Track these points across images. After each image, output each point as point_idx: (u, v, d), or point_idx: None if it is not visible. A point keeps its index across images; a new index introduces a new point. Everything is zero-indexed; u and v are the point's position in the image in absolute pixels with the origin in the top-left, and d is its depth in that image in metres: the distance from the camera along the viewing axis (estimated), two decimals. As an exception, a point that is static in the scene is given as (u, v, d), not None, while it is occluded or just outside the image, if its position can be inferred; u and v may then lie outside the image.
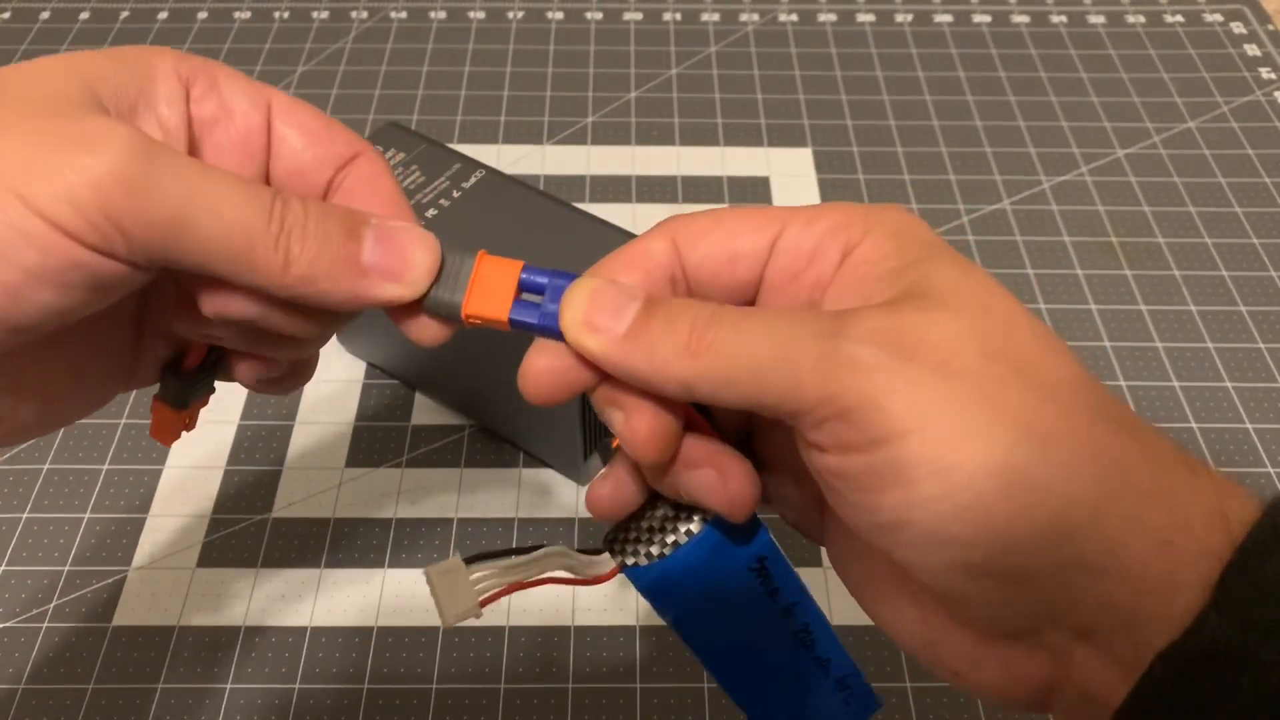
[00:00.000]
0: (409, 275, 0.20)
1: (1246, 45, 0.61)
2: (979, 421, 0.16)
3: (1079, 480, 0.16)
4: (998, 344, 0.17)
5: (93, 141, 0.17)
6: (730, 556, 0.21)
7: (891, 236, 0.19)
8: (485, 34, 0.61)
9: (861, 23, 0.62)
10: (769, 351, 0.17)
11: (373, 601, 0.37)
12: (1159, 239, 0.50)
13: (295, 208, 0.19)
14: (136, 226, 0.17)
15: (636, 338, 0.19)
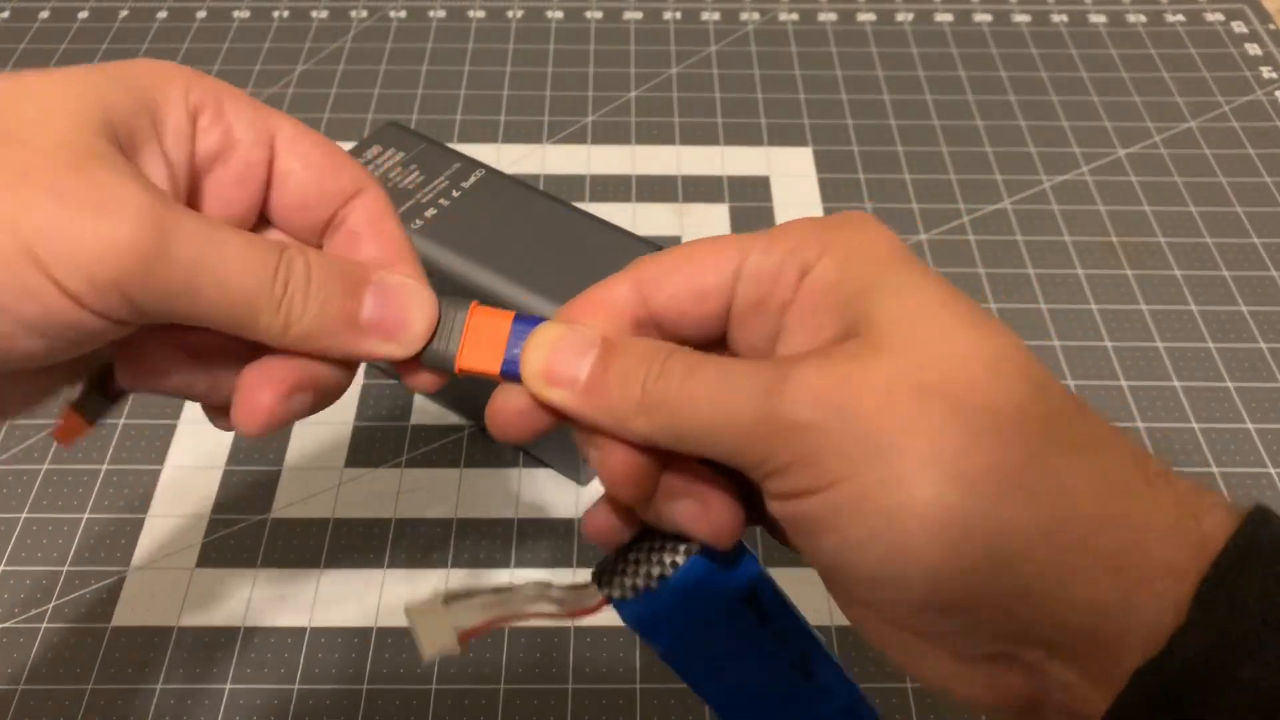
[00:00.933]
0: (405, 336, 0.20)
1: (1247, 44, 0.61)
2: (909, 467, 0.17)
3: (1013, 514, 0.17)
4: (934, 380, 0.17)
5: (111, 209, 0.17)
6: (719, 586, 0.21)
7: (843, 259, 0.19)
8: (485, 33, 0.61)
9: (862, 22, 0.62)
10: (714, 413, 0.18)
11: (372, 601, 0.37)
12: (1160, 239, 0.50)
13: (299, 268, 0.19)
14: (143, 295, 0.17)
15: (594, 392, 0.19)
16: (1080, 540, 0.17)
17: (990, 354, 0.18)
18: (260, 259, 0.18)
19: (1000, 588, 0.17)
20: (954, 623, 0.18)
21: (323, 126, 0.55)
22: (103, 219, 0.17)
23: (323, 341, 0.19)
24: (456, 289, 0.35)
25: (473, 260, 0.35)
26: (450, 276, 0.35)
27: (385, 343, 0.20)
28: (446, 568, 0.38)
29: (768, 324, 0.20)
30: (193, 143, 0.20)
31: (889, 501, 0.17)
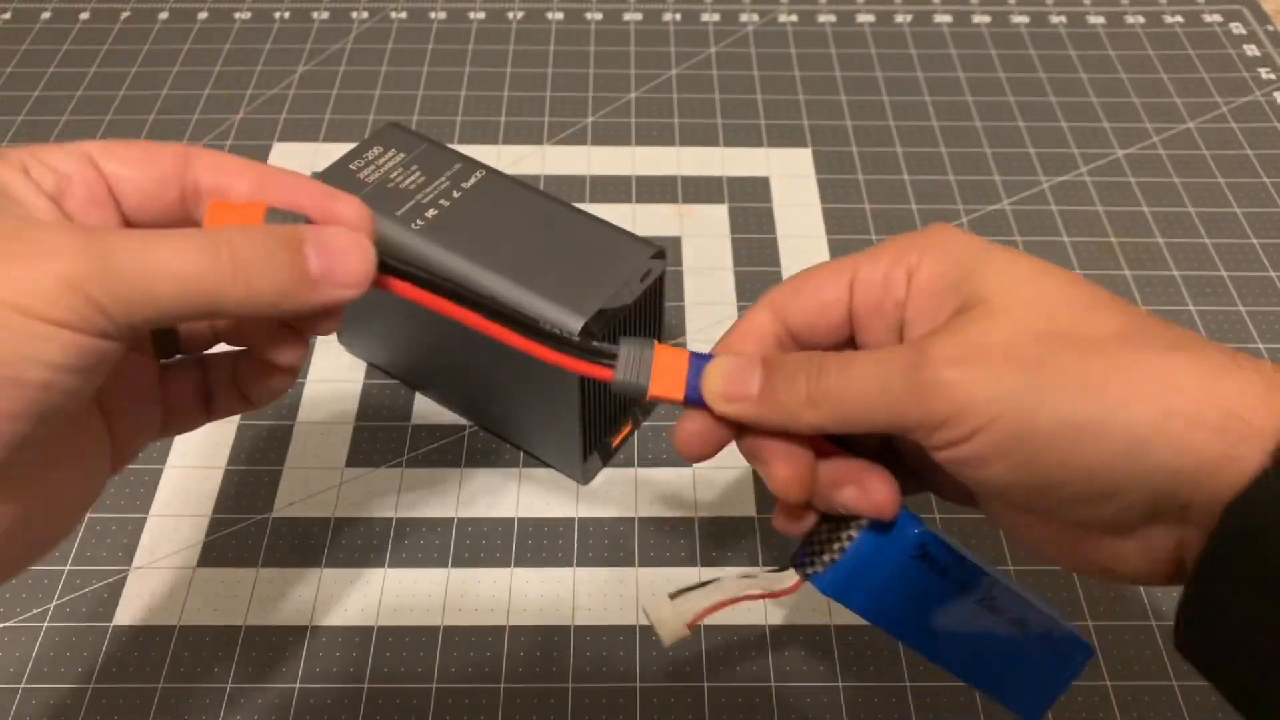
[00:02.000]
0: (354, 279, 0.23)
1: (1246, 45, 0.61)
2: (1045, 393, 0.21)
3: (1136, 408, 0.21)
4: (1045, 325, 0.22)
5: (45, 248, 0.19)
6: (892, 551, 0.25)
7: (943, 255, 0.24)
8: (485, 34, 0.61)
9: (861, 23, 0.62)
10: (873, 391, 0.23)
11: (373, 601, 0.37)
12: (1158, 239, 0.50)
13: (240, 242, 0.21)
14: (115, 306, 0.19)
15: (766, 399, 0.24)
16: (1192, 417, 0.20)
17: (1084, 297, 0.23)
18: (199, 247, 0.21)
19: (1140, 467, 0.21)
20: (1111, 505, 0.22)
21: (323, 127, 0.55)
22: (45, 259, 0.19)
23: (289, 302, 0.22)
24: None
25: (474, 260, 0.35)
26: (451, 277, 0.35)
27: (341, 288, 0.22)
28: (447, 567, 0.38)
29: (888, 322, 0.25)
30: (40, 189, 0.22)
31: (1037, 423, 0.21)
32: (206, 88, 0.57)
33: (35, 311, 0.19)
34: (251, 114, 0.56)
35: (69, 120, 0.55)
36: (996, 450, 0.21)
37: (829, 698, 0.35)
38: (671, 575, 0.38)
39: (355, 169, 0.38)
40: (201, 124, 0.55)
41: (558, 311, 0.34)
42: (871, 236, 0.50)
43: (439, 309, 0.25)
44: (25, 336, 0.19)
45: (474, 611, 0.37)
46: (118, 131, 0.55)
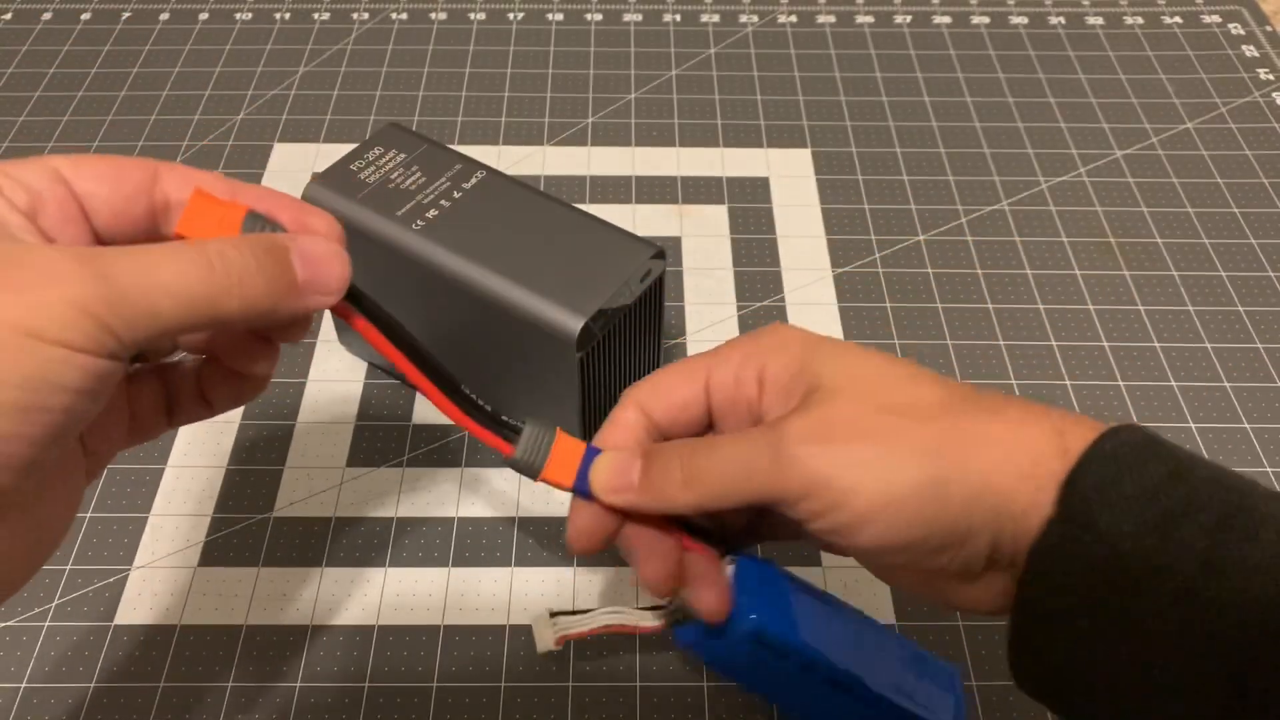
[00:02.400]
0: (333, 287, 0.24)
1: (1244, 46, 0.61)
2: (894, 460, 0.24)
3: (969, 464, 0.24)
4: (880, 400, 0.25)
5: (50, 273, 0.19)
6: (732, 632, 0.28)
7: (783, 352, 0.27)
8: (486, 35, 0.61)
9: (860, 24, 0.63)
10: (739, 470, 0.25)
11: (374, 600, 0.37)
12: (1157, 239, 0.50)
13: (232, 256, 0.22)
14: (122, 326, 0.20)
15: (645, 486, 0.26)
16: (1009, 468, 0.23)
17: (906, 374, 0.26)
18: (194, 262, 0.21)
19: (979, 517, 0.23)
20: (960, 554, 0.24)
21: (324, 128, 0.55)
22: (49, 285, 0.19)
23: (279, 310, 0.23)
24: (458, 289, 0.36)
25: (474, 261, 0.35)
26: (452, 277, 0.36)
27: (320, 296, 0.23)
28: (448, 566, 0.38)
29: (744, 416, 0.27)
30: (14, 207, 0.22)
31: (893, 488, 0.24)
32: (207, 88, 0.57)
33: (51, 337, 0.19)
34: (252, 114, 0.56)
35: (70, 120, 0.55)
36: (860, 518, 0.24)
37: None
38: (671, 575, 0.38)
39: (356, 169, 0.38)
40: (202, 124, 0.55)
41: (558, 312, 0.34)
42: (871, 237, 0.50)
43: (379, 347, 0.26)
44: (45, 362, 0.19)
45: (474, 611, 0.37)
46: (119, 132, 0.55)
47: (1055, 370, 0.44)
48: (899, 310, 0.47)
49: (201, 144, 0.54)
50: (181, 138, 0.55)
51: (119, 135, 0.55)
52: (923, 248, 0.50)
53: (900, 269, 0.49)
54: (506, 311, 0.35)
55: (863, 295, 0.47)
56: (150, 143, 0.54)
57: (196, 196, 0.23)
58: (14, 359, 0.19)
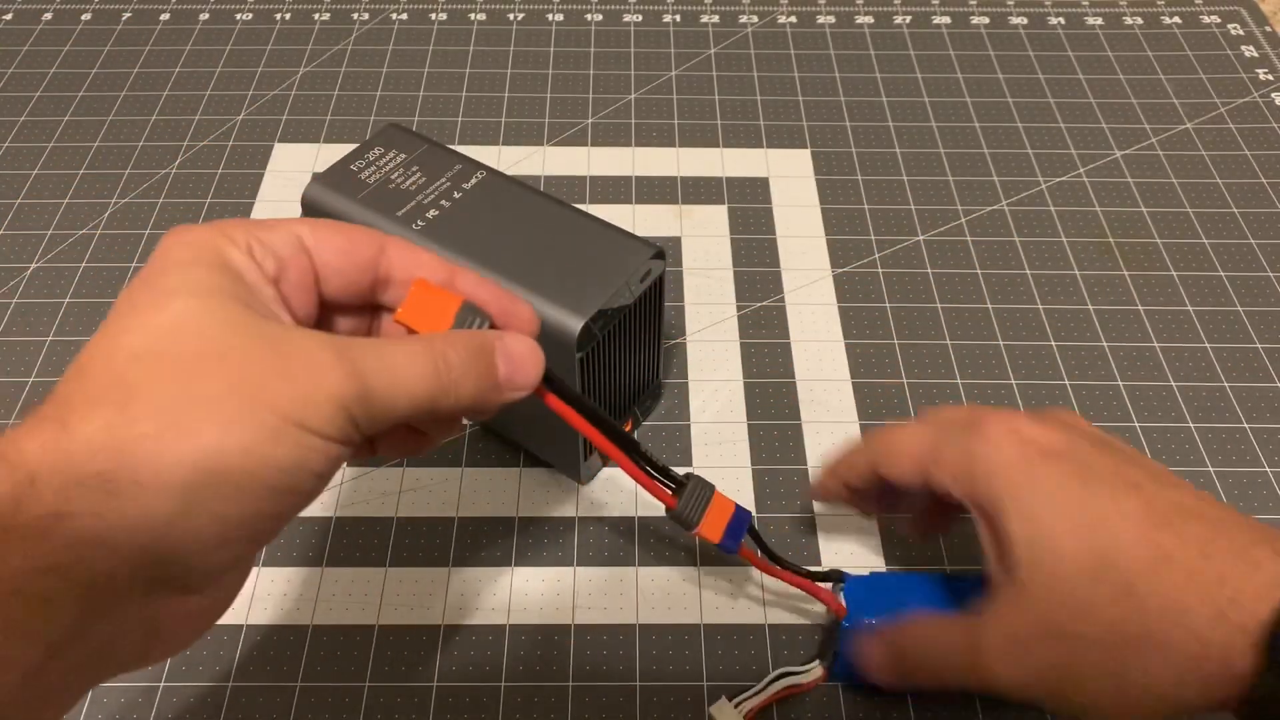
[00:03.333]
0: (529, 383, 0.25)
1: (1244, 46, 0.61)
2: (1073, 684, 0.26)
3: (1140, 690, 0.25)
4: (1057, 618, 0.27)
5: (314, 365, 0.21)
6: None
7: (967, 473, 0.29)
8: (486, 36, 0.61)
9: (860, 25, 0.63)
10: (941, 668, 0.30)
11: (374, 600, 0.37)
12: (1156, 240, 0.50)
13: (453, 358, 0.23)
14: (366, 420, 0.22)
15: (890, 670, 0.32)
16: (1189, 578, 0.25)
17: (1089, 567, 0.26)
18: (426, 364, 0.23)
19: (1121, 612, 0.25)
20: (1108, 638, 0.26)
21: (324, 128, 0.55)
22: (315, 375, 0.21)
23: (480, 405, 0.24)
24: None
25: (474, 261, 0.35)
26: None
27: (516, 391, 0.25)
28: (448, 566, 0.38)
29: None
30: (264, 274, 0.24)
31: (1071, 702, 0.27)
32: (207, 88, 0.58)
33: (313, 427, 0.21)
34: (253, 115, 0.56)
35: (70, 120, 0.55)
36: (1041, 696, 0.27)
37: (828, 696, 0.35)
38: (671, 575, 0.38)
39: (356, 170, 0.38)
40: (202, 124, 0.55)
41: (558, 312, 0.34)
42: (871, 237, 0.50)
43: (570, 420, 0.27)
44: (306, 450, 0.21)
45: (474, 611, 0.37)
46: (119, 132, 0.55)
47: (1055, 370, 0.44)
48: (899, 310, 0.47)
49: (202, 144, 0.54)
50: (182, 138, 0.55)
51: (119, 135, 0.55)
52: (922, 248, 0.50)
53: (900, 269, 0.49)
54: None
55: (862, 295, 0.47)
56: (150, 142, 0.54)
57: (418, 286, 0.25)
58: (283, 447, 0.20)
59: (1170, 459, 0.42)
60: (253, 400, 0.20)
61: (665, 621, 0.36)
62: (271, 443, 0.20)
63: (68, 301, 0.47)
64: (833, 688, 0.35)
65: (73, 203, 0.51)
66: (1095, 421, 0.43)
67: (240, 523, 0.20)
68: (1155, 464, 0.29)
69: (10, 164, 0.53)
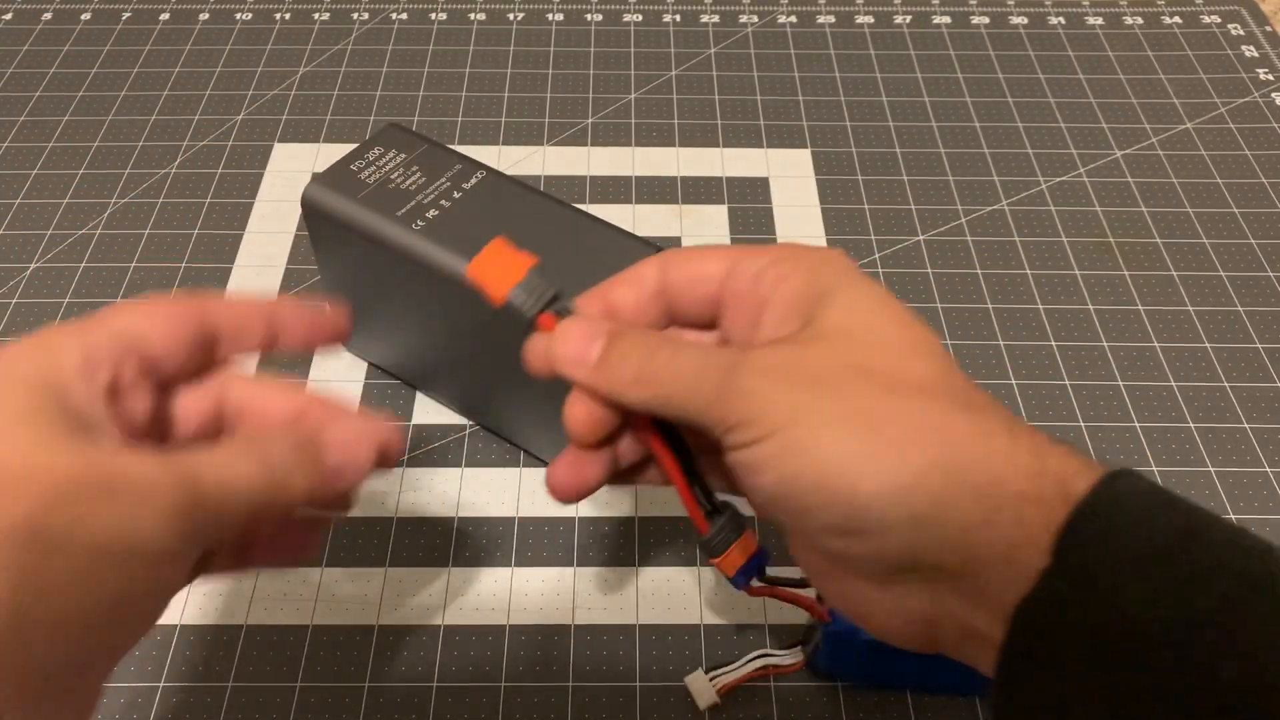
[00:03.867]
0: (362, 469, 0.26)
1: (1244, 46, 0.61)
2: (830, 418, 0.22)
3: (907, 452, 0.21)
4: (859, 360, 0.23)
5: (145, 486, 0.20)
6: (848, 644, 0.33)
7: (809, 272, 0.25)
8: (486, 35, 0.61)
9: (860, 24, 0.63)
10: (690, 383, 0.24)
11: (374, 600, 0.37)
12: (1156, 239, 0.50)
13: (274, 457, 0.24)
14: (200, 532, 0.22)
15: (601, 369, 0.25)
16: (957, 475, 0.21)
17: (909, 341, 0.23)
18: (251, 461, 0.23)
19: (896, 515, 0.21)
20: (864, 544, 0.22)
21: (324, 128, 0.55)
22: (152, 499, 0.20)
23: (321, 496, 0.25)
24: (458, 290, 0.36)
25: (474, 261, 0.35)
26: (452, 277, 0.36)
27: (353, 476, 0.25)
28: (447, 566, 0.38)
29: (749, 317, 0.26)
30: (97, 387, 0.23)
31: (811, 446, 0.22)
32: (207, 88, 0.58)
33: (151, 551, 0.20)
34: (252, 115, 0.56)
35: (70, 120, 0.55)
36: (768, 460, 0.22)
37: (828, 696, 0.35)
38: (671, 575, 0.38)
39: (356, 170, 0.38)
40: (202, 124, 0.55)
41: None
42: (871, 237, 0.50)
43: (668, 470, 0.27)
44: (147, 575, 0.21)
45: (474, 611, 0.37)
46: (119, 132, 0.55)
47: (1055, 370, 0.44)
48: (899, 310, 0.47)
49: (201, 144, 0.54)
50: (181, 138, 0.55)
51: (119, 135, 0.55)
52: (923, 248, 0.50)
53: (900, 269, 0.49)
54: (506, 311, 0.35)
55: (862, 295, 0.47)
56: (150, 142, 0.54)
57: (496, 243, 0.26)
58: (119, 573, 0.20)
59: (1170, 459, 0.42)
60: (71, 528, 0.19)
61: (665, 621, 0.36)
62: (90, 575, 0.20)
63: (67, 301, 0.47)
64: (833, 688, 0.35)
65: (73, 203, 0.51)
66: (1096, 421, 0.43)
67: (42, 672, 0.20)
68: None
69: (10, 164, 0.53)
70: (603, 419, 0.26)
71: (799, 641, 0.35)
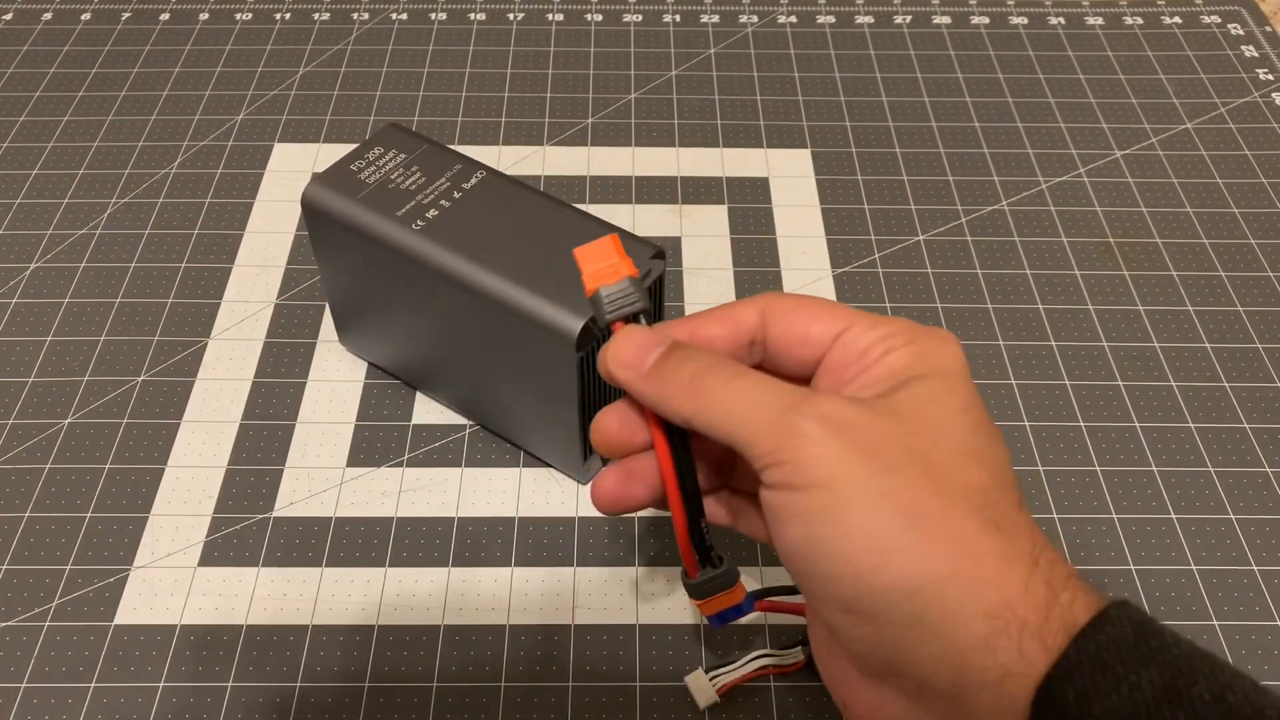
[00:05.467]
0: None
1: (1244, 46, 0.61)
2: (873, 494, 0.21)
3: (933, 555, 0.21)
4: (921, 448, 0.22)
5: None
6: None
7: (916, 354, 0.24)
8: (486, 35, 0.61)
9: (860, 24, 0.63)
10: (746, 409, 0.23)
11: (374, 600, 0.37)
12: (1156, 240, 0.50)
13: None
14: None
15: (653, 375, 0.25)
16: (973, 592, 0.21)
17: (976, 449, 0.23)
18: None
19: (905, 612, 0.21)
20: (862, 628, 0.22)
21: (324, 128, 0.55)
22: None
23: None
24: (458, 290, 0.36)
25: (474, 261, 0.35)
26: (452, 277, 0.36)
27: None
28: (447, 566, 0.38)
29: (841, 381, 0.25)
30: None
31: (845, 514, 0.21)
32: (207, 88, 0.57)
33: None
34: (252, 115, 0.56)
35: (70, 120, 0.55)
36: (799, 514, 0.22)
37: (827, 696, 0.35)
38: (671, 575, 0.38)
39: (356, 170, 0.38)
40: (202, 124, 0.55)
41: (558, 312, 0.34)
42: (871, 237, 0.50)
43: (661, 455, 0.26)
44: None
45: (474, 611, 0.37)
46: (119, 132, 0.55)
47: (1055, 370, 0.44)
48: (899, 310, 0.47)
49: (202, 144, 0.54)
50: (182, 138, 0.55)
51: (119, 135, 0.55)
52: (922, 248, 0.50)
53: (900, 269, 0.49)
54: (506, 312, 0.35)
55: (863, 295, 0.47)
56: (150, 142, 0.54)
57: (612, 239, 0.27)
58: None
59: (1170, 459, 0.42)
60: None
61: (665, 621, 0.36)
62: None
63: (67, 301, 0.47)
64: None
65: (73, 203, 0.51)
66: (1095, 421, 0.43)
67: None
68: None
69: (10, 164, 0.53)
70: (627, 437, 0.26)
71: (799, 641, 0.35)
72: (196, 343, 0.45)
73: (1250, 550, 0.39)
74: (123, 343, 0.45)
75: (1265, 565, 0.38)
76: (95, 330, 0.45)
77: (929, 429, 0.23)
